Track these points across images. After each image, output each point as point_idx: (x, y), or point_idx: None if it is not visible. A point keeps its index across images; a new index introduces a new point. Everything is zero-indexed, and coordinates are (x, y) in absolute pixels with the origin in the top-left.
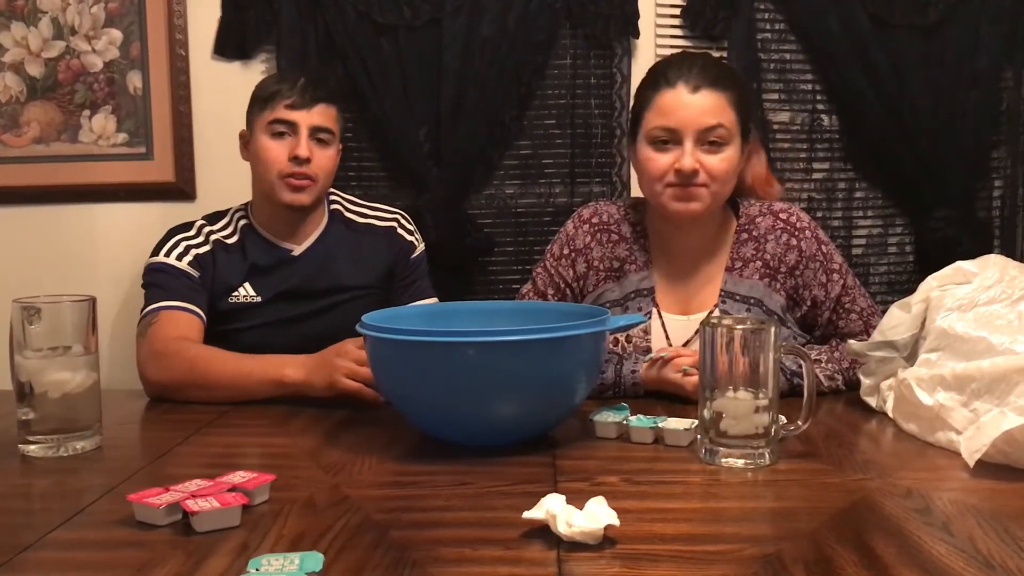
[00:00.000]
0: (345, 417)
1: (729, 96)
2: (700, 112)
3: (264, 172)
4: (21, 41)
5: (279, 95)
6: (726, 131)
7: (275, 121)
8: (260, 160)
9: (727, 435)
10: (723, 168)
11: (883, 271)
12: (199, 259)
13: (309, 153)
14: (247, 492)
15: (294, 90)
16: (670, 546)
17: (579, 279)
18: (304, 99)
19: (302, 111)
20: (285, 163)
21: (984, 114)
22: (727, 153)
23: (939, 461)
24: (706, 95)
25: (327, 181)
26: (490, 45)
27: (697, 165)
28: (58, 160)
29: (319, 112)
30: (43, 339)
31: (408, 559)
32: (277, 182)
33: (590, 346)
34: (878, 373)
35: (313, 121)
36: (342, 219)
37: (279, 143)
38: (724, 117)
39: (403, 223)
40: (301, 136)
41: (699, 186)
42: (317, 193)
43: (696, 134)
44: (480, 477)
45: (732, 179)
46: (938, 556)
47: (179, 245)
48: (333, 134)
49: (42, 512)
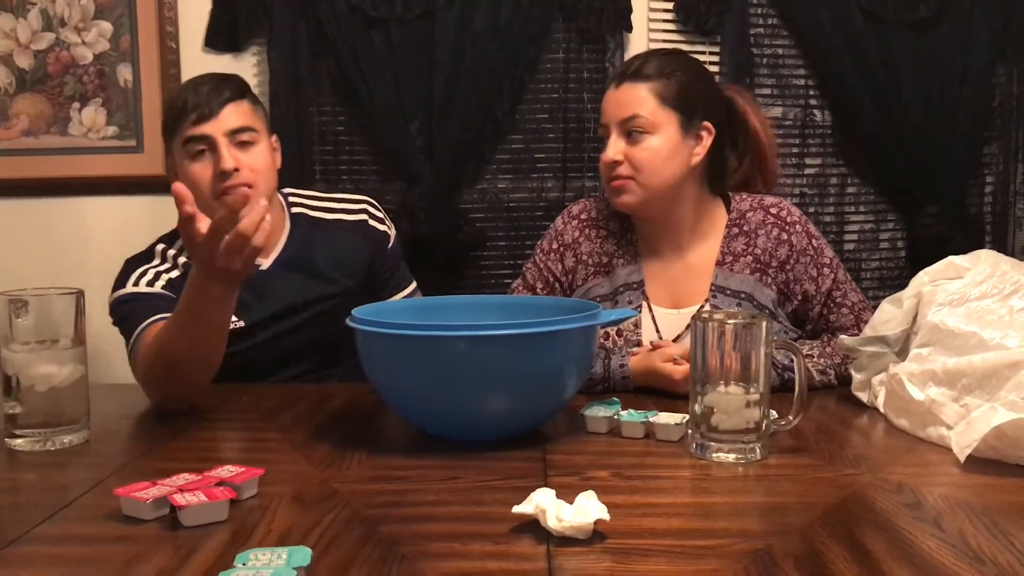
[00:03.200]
0: (334, 412)
1: (653, 86)
2: (618, 105)
3: (199, 197)
4: (10, 33)
5: (183, 112)
6: (645, 120)
7: (188, 140)
8: (190, 186)
9: (718, 430)
10: (645, 157)
11: (875, 267)
12: (172, 283)
13: (235, 163)
14: (235, 487)
15: (197, 99)
16: (660, 541)
17: (568, 273)
18: (210, 107)
19: (211, 121)
20: (214, 182)
21: (976, 110)
22: (650, 143)
23: (930, 456)
24: (625, 88)
25: (267, 182)
26: (482, 39)
27: (618, 156)
28: (48, 153)
29: (230, 113)
30: (30, 332)
31: (397, 554)
32: (215, 203)
33: (581, 340)
34: (869, 368)
35: (227, 126)
36: (307, 220)
37: (201, 163)
38: (642, 107)
39: (373, 212)
40: (220, 147)
41: (625, 178)
42: (262, 198)
43: (617, 126)
44: (470, 472)
45: (664, 168)
46: (928, 551)
47: (146, 273)
48: (256, 131)
49: (28, 506)
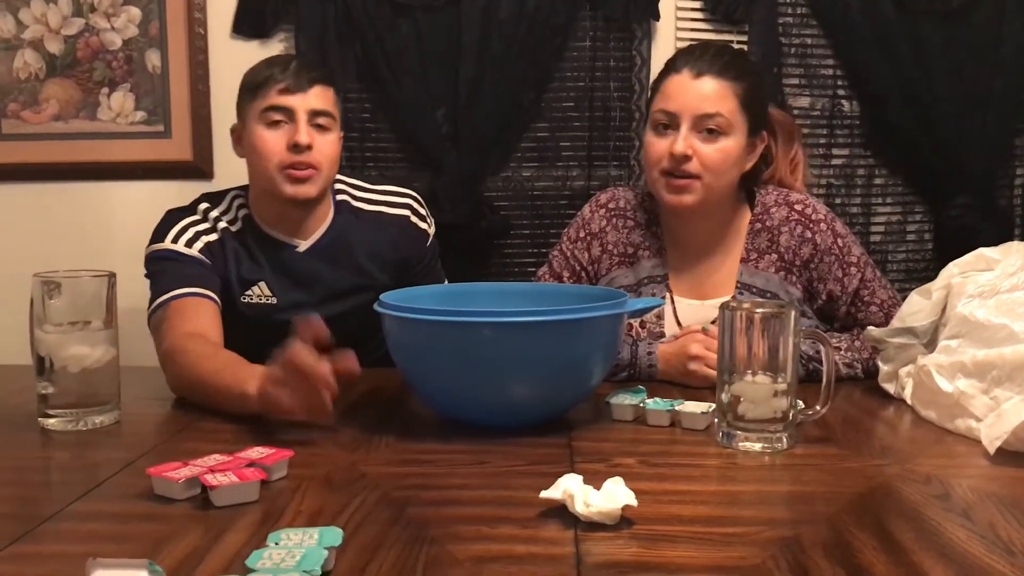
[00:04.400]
0: (361, 396)
1: (734, 87)
2: (699, 98)
3: (262, 166)
4: (40, 18)
5: (271, 80)
6: (725, 120)
7: (269, 108)
8: (256, 152)
9: (745, 419)
10: (717, 159)
11: (901, 258)
12: (210, 247)
13: (310, 139)
14: (265, 468)
15: (287, 73)
16: (688, 527)
17: (594, 262)
18: (299, 82)
19: (298, 95)
20: (284, 153)
21: (1007, 101)
22: (724, 144)
23: (958, 448)
24: (708, 82)
25: (331, 170)
26: (508, 26)
27: (689, 150)
28: (77, 137)
29: (316, 94)
30: (63, 314)
31: (426, 536)
32: (277, 175)
33: (607, 329)
34: (897, 360)
35: (311, 105)
36: (350, 209)
37: (275, 132)
38: (724, 106)
39: (416, 208)
40: (299, 122)
41: (692, 177)
42: (322, 184)
43: (693, 120)
44: (497, 457)
45: (729, 172)
46: (958, 542)
47: (187, 230)
48: (334, 118)
49: (62, 485)
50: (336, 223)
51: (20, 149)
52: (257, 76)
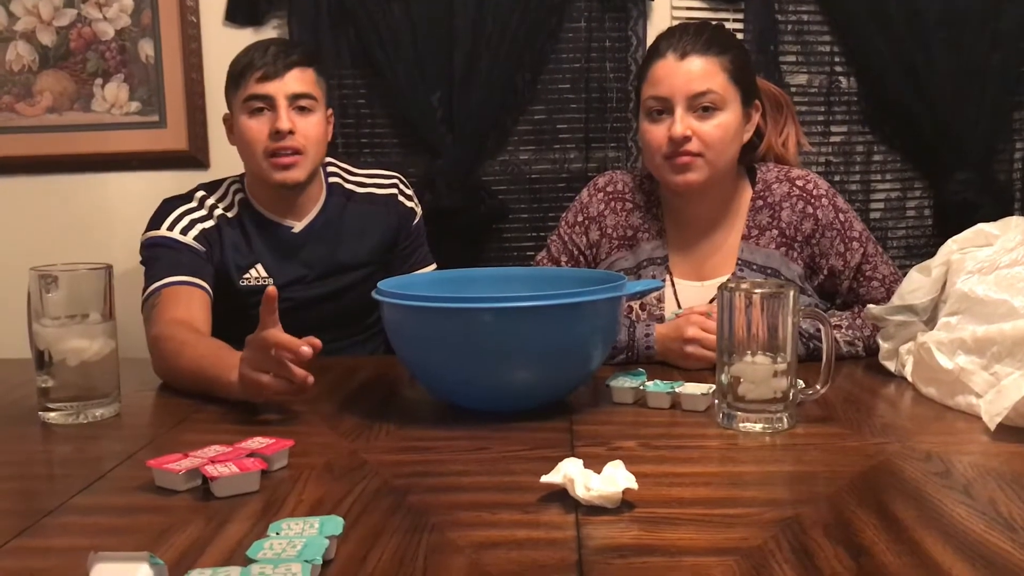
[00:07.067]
0: (361, 384)
1: (720, 60)
2: (688, 78)
3: (249, 154)
4: (32, 9)
5: (250, 68)
6: (717, 95)
7: (250, 97)
8: (242, 142)
9: (745, 399)
10: (717, 135)
11: (901, 235)
12: (206, 234)
13: (291, 125)
14: (265, 458)
15: (264, 59)
16: (689, 510)
17: (592, 246)
18: (276, 67)
19: (275, 81)
20: (267, 140)
21: (1006, 75)
22: (720, 119)
23: (959, 425)
24: (694, 61)
25: (318, 152)
26: (503, 8)
27: (688, 132)
28: (71, 129)
29: (295, 78)
30: (61, 307)
31: (427, 523)
32: (263, 162)
33: (607, 311)
34: (897, 337)
35: (289, 89)
36: (342, 191)
37: (258, 120)
38: (714, 82)
39: (402, 188)
40: (279, 108)
41: (694, 155)
42: (309, 167)
43: (686, 101)
44: (497, 442)
45: (730, 146)
46: (959, 519)
47: (182, 218)
48: (315, 99)
49: (63, 478)
50: (330, 203)
51: (15, 142)
52: (237, 65)
